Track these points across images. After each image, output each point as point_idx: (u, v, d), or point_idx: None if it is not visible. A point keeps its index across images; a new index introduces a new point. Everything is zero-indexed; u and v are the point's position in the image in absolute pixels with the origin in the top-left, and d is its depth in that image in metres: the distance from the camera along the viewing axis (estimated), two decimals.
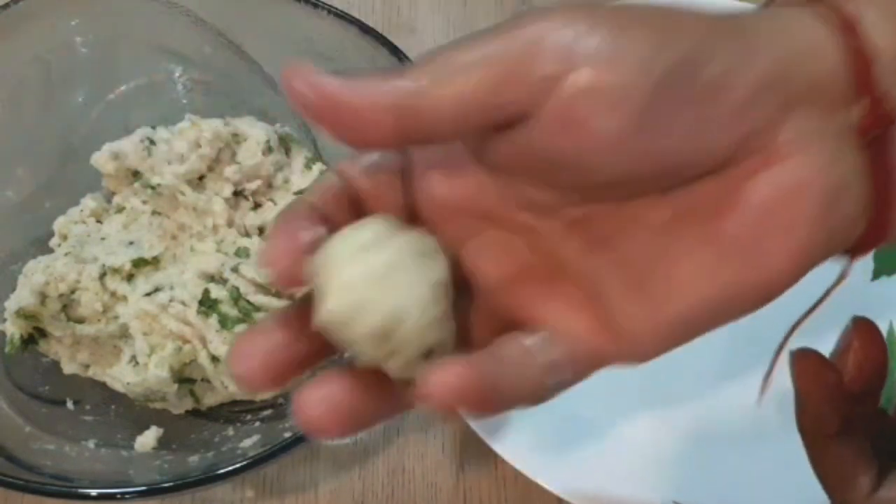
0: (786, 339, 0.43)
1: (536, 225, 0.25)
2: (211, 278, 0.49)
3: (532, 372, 0.25)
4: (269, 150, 0.53)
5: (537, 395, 0.25)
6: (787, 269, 0.23)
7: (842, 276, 0.27)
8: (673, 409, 0.51)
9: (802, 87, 0.23)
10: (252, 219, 0.53)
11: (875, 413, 0.30)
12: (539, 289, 0.25)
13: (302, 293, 0.24)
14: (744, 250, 0.23)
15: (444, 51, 0.23)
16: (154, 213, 0.53)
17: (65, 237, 0.53)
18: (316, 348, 0.26)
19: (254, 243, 0.51)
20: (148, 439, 0.48)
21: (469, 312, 0.26)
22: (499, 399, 0.24)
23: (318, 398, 0.24)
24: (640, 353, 0.25)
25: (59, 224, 0.53)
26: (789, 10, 0.24)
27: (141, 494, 0.42)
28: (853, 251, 0.25)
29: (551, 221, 0.25)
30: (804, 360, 0.29)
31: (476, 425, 0.48)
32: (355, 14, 0.52)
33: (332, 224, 0.24)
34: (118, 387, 0.49)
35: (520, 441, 0.48)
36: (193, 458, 0.47)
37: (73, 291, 0.49)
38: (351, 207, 0.25)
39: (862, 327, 0.29)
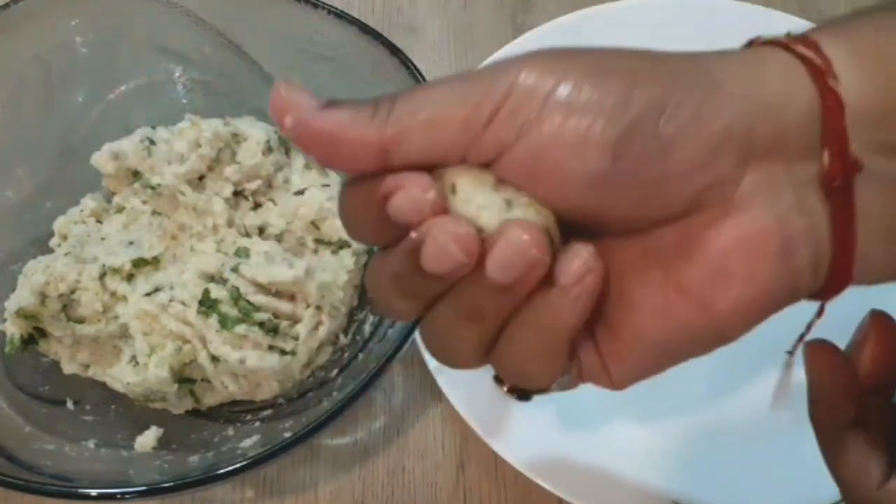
0: (794, 350, 0.44)
1: None
2: (211, 278, 0.49)
3: None
4: (269, 150, 0.53)
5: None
6: (741, 314, 0.24)
7: (819, 312, 0.28)
8: (673, 410, 0.51)
9: (767, 139, 0.23)
10: (252, 219, 0.53)
11: (889, 406, 0.30)
12: None
13: None
14: (700, 295, 0.24)
15: (425, 89, 0.24)
16: (154, 213, 0.53)
17: (65, 237, 0.53)
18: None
19: (254, 243, 0.51)
20: (148, 439, 0.48)
21: None
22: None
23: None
24: (616, 383, 0.26)
25: (59, 224, 0.53)
26: (768, 54, 0.25)
27: (141, 494, 0.42)
28: (820, 295, 0.26)
29: None
30: (818, 352, 0.30)
31: (476, 425, 0.48)
32: (355, 14, 0.52)
33: None
34: (118, 387, 0.49)
35: (520, 441, 0.48)
36: (193, 458, 0.47)
37: (73, 291, 0.49)
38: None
39: (878, 321, 0.29)
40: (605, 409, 0.51)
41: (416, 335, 0.48)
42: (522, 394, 0.28)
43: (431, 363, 0.50)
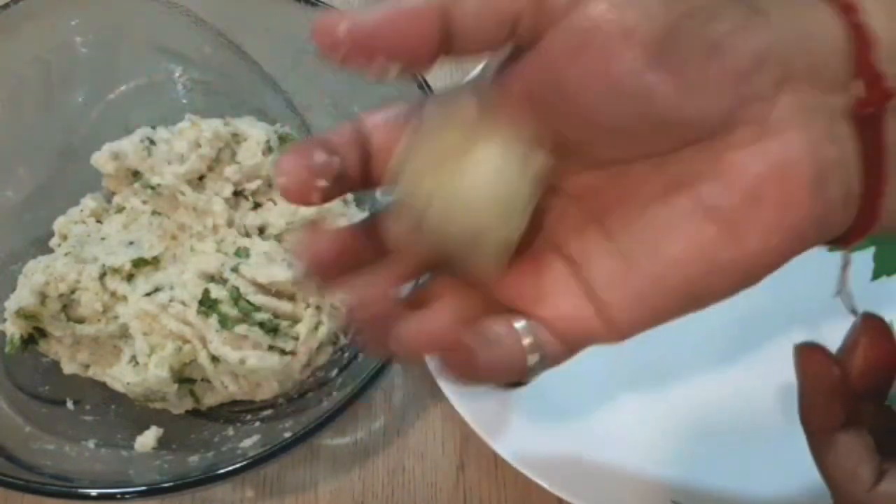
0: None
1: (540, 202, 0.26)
2: (211, 278, 0.49)
3: (515, 349, 0.25)
4: (269, 150, 0.53)
5: (518, 370, 0.26)
6: (770, 248, 0.23)
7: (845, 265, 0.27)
8: (673, 410, 0.51)
9: (802, 65, 0.23)
10: (252, 219, 0.53)
11: (880, 409, 0.30)
12: (531, 269, 0.26)
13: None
14: (728, 223, 0.23)
15: None
16: (154, 213, 0.53)
17: (65, 237, 0.53)
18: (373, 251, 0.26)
19: (254, 243, 0.51)
20: (148, 439, 0.48)
21: None
22: (474, 366, 0.25)
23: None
24: (617, 324, 0.25)
25: (59, 224, 0.53)
26: None
27: (141, 494, 0.42)
28: (845, 239, 0.25)
29: (552, 196, 0.26)
30: (808, 355, 0.29)
31: (476, 425, 0.48)
32: None
33: (338, 159, 0.25)
34: (118, 387, 0.49)
35: (520, 441, 0.48)
36: (193, 458, 0.47)
37: (73, 291, 0.49)
38: (360, 153, 0.26)
39: (870, 324, 0.29)
40: (606, 409, 0.51)
41: None
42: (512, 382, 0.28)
43: (432, 363, 0.50)
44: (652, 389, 0.51)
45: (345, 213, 0.52)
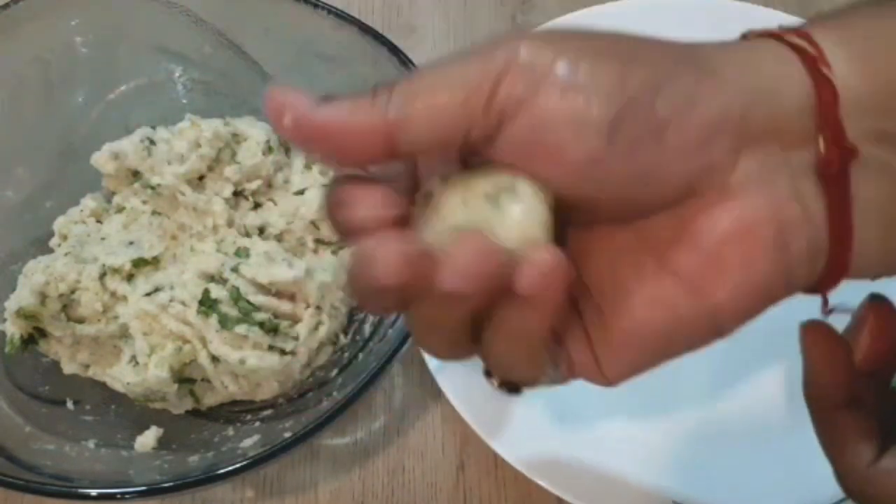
0: None
1: None
2: (211, 278, 0.49)
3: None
4: (269, 150, 0.53)
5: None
6: (737, 304, 0.24)
7: (824, 303, 0.27)
8: (673, 410, 0.51)
9: (761, 126, 0.23)
10: (252, 219, 0.53)
11: (885, 389, 0.30)
12: None
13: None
14: (692, 284, 0.24)
15: (424, 70, 0.24)
16: (154, 213, 0.53)
17: (65, 237, 0.53)
18: None
19: (254, 243, 0.51)
20: (148, 439, 0.48)
21: None
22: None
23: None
24: (607, 376, 0.26)
25: (59, 224, 0.53)
26: (763, 44, 0.25)
27: (141, 494, 0.42)
28: (816, 288, 0.26)
29: None
30: (814, 332, 0.30)
31: (476, 425, 0.48)
32: (355, 14, 0.52)
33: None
34: (118, 387, 0.49)
35: (520, 441, 0.48)
36: (193, 458, 0.47)
37: (73, 291, 0.49)
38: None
39: (877, 305, 0.29)
40: (606, 409, 0.51)
41: None
42: (512, 387, 0.28)
43: (431, 363, 0.50)
44: (652, 390, 0.51)
45: None
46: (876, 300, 0.29)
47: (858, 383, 0.29)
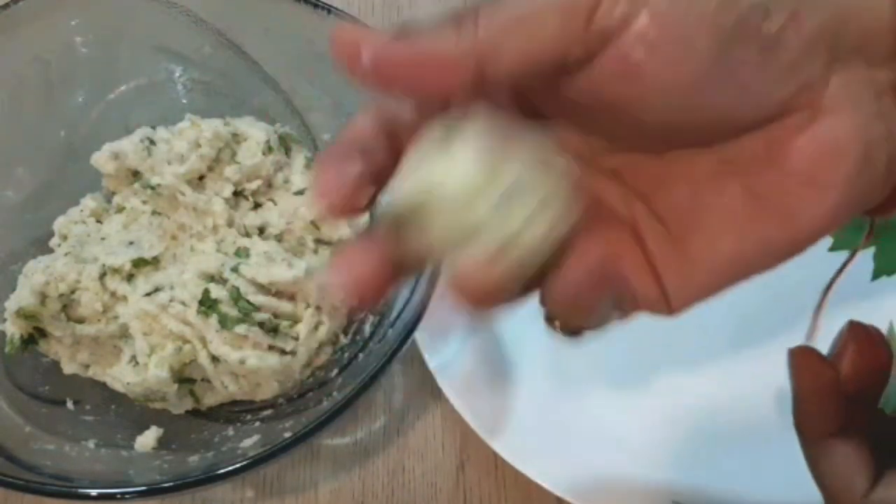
0: (823, 298, 0.43)
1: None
2: (211, 278, 0.49)
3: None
4: (269, 150, 0.53)
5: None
6: (818, 227, 0.24)
7: (869, 233, 0.27)
8: (674, 410, 0.51)
9: (852, 40, 0.23)
10: (252, 219, 0.53)
11: (873, 413, 0.30)
12: (591, 225, 0.25)
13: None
14: (780, 207, 0.23)
15: None
16: (154, 213, 0.53)
17: (65, 237, 0.53)
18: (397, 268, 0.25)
19: (254, 243, 0.51)
20: (148, 439, 0.48)
21: None
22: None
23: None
24: (674, 307, 0.25)
25: (59, 224, 0.53)
26: None
27: (141, 494, 0.42)
28: (876, 211, 0.25)
29: (588, 170, 0.25)
30: (802, 358, 0.29)
31: (476, 425, 0.48)
32: (355, 14, 0.53)
33: (372, 159, 0.24)
34: (118, 387, 0.49)
35: (520, 441, 0.48)
36: (193, 458, 0.47)
37: (73, 291, 0.49)
38: (389, 142, 0.25)
39: (857, 330, 0.29)
40: (606, 409, 0.51)
41: (416, 335, 0.48)
42: (575, 332, 0.27)
43: (432, 363, 0.50)
44: (652, 389, 0.52)
45: None
46: (853, 325, 0.29)
47: (848, 410, 0.29)
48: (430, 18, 0.22)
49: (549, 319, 0.27)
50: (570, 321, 0.26)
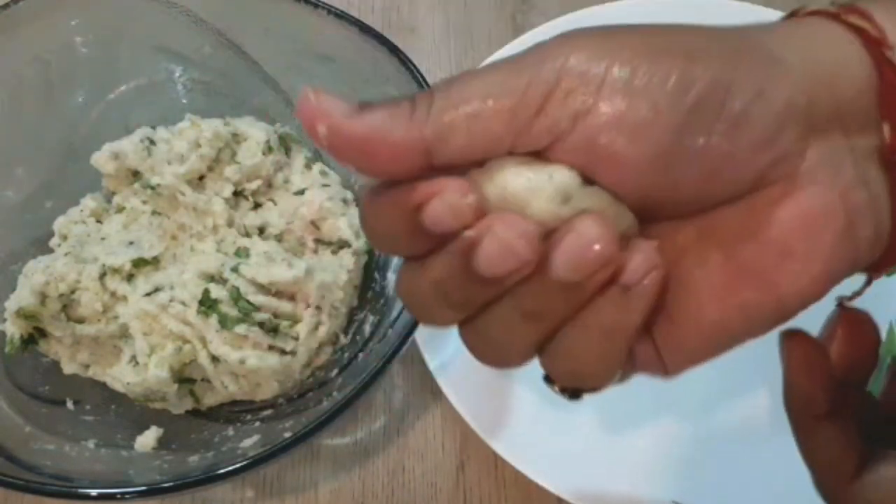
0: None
1: None
2: (211, 278, 0.49)
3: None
4: (269, 150, 0.53)
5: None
6: (804, 296, 0.24)
7: (868, 283, 0.27)
8: (674, 411, 0.51)
9: (828, 110, 0.23)
10: (252, 219, 0.53)
11: (865, 398, 0.30)
12: None
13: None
14: (763, 277, 0.24)
15: (467, 78, 0.22)
16: (154, 213, 0.53)
17: (65, 237, 0.53)
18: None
19: (254, 243, 0.51)
20: (148, 439, 0.48)
21: None
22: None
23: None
24: (670, 373, 0.26)
25: (59, 224, 0.53)
26: (817, 24, 0.24)
27: (141, 494, 0.42)
28: (873, 268, 0.25)
29: None
30: (793, 341, 0.29)
31: (476, 425, 0.48)
32: (355, 14, 0.52)
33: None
34: (118, 387, 0.49)
35: (520, 441, 0.48)
36: (193, 458, 0.47)
37: (73, 291, 0.49)
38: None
39: (846, 316, 0.29)
40: (606, 409, 0.51)
41: (416, 335, 0.48)
42: (574, 393, 0.28)
43: (432, 363, 0.50)
44: (652, 389, 0.51)
45: (345, 213, 0.52)
46: (845, 311, 0.29)
47: (838, 393, 0.29)
48: (387, 101, 0.22)
49: (549, 380, 0.27)
50: (576, 382, 0.26)
